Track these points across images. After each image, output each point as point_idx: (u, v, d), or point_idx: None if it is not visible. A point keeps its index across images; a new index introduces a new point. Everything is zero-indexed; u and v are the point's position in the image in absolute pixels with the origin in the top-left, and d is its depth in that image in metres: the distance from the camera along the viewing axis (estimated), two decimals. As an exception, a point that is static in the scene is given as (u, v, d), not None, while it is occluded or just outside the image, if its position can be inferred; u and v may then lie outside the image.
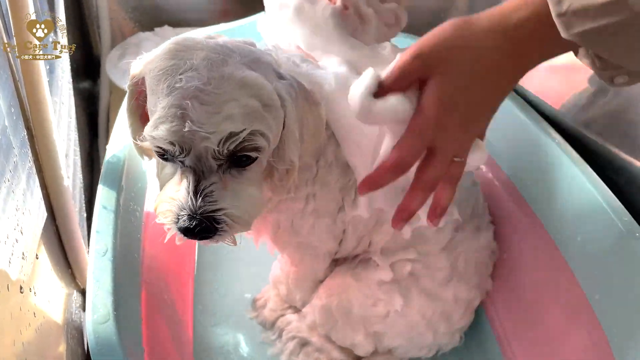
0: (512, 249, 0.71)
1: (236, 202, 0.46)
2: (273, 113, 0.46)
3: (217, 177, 0.45)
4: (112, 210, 0.52)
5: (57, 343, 0.63)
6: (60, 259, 0.67)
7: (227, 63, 0.44)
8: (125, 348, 0.43)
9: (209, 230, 0.45)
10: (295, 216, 0.62)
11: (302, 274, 0.72)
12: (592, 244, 0.59)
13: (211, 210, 0.44)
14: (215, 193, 0.45)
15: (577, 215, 0.62)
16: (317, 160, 0.58)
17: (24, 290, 0.51)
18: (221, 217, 0.45)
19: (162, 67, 0.44)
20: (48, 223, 0.63)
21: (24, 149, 0.56)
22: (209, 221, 0.44)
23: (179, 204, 0.44)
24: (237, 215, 0.46)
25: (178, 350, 0.62)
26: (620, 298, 0.54)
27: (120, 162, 0.57)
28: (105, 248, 0.49)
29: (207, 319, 0.75)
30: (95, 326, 0.43)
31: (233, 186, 0.46)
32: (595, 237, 0.59)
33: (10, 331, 0.47)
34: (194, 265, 0.80)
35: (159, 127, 0.43)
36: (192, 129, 0.42)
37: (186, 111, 0.42)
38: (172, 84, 0.43)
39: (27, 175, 0.57)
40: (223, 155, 0.44)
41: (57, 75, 0.79)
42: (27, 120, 0.59)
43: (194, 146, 0.43)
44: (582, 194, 0.61)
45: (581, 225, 0.61)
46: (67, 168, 0.74)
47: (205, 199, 0.44)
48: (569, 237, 0.62)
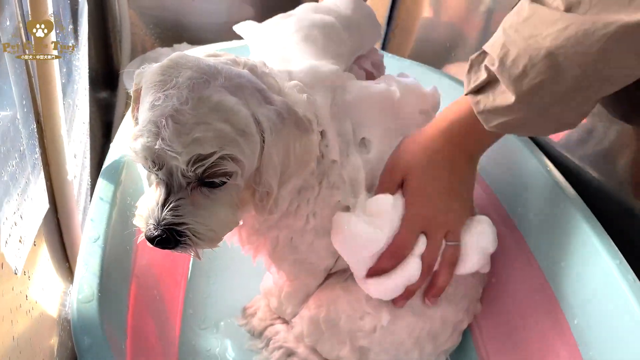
0: (500, 274, 0.72)
1: (201, 220, 0.47)
2: (248, 138, 0.47)
3: (186, 193, 0.47)
4: (108, 202, 0.55)
5: (50, 336, 0.64)
6: (59, 252, 0.69)
7: (209, 85, 0.46)
8: (106, 330, 0.45)
9: (168, 242, 0.47)
10: (295, 233, 0.64)
11: (296, 288, 0.73)
12: (574, 269, 0.59)
13: (174, 223, 0.46)
14: (182, 208, 0.47)
15: (562, 241, 0.62)
16: (320, 181, 0.60)
17: (19, 272, 0.53)
18: (184, 231, 0.47)
19: (152, 81, 0.47)
20: (49, 215, 0.65)
21: (31, 140, 0.60)
22: (170, 233, 0.46)
23: (147, 212, 0.47)
24: (200, 232, 0.48)
25: (163, 347, 0.63)
26: (598, 323, 0.54)
27: (122, 159, 0.60)
28: (98, 235, 0.51)
29: (196, 323, 0.76)
30: (78, 304, 0.45)
31: (202, 203, 0.48)
32: (577, 263, 0.59)
33: (5, 318, 0.49)
34: (187, 268, 0.82)
35: (137, 140, 0.46)
36: (162, 147, 0.44)
37: (159, 129, 0.44)
38: (154, 100, 0.45)
39: (33, 166, 0.60)
40: (191, 176, 0.46)
41: (73, 78, 0.83)
42: (38, 114, 0.62)
43: (166, 163, 0.46)
44: (569, 221, 0.62)
45: (566, 252, 0.61)
46: (74, 167, 0.77)
47: (171, 212, 0.46)
48: (553, 262, 0.63)
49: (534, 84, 0.50)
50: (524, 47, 0.50)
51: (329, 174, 0.59)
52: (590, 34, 0.46)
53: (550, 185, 0.65)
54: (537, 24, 0.49)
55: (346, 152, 0.60)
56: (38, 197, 0.61)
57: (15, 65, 0.53)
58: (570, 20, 0.47)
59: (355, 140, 0.61)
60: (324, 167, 0.59)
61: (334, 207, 0.63)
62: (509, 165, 0.74)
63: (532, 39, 0.49)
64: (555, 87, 0.49)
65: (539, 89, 0.50)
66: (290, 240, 0.64)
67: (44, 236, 0.63)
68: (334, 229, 0.61)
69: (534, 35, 0.49)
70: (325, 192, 0.60)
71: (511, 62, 0.51)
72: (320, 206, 0.62)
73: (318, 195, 0.60)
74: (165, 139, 0.44)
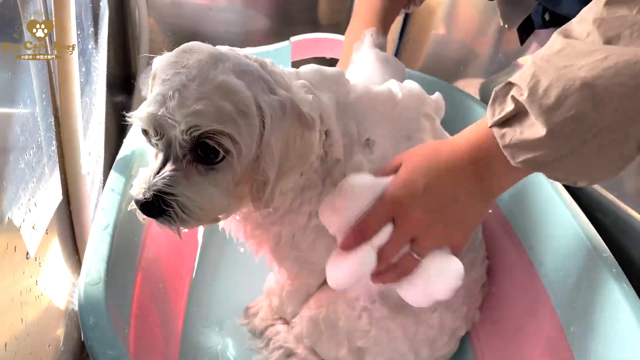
0: (500, 283, 0.73)
1: (190, 194, 0.48)
2: (247, 120, 0.49)
3: (181, 166, 0.49)
4: (119, 194, 0.57)
5: (57, 326, 0.66)
6: (69, 243, 0.71)
7: (217, 67, 0.49)
8: (111, 314, 0.46)
9: (153, 207, 0.48)
10: (298, 231, 0.65)
11: (297, 287, 0.75)
12: (572, 279, 0.60)
13: (163, 191, 0.48)
14: (174, 179, 0.48)
15: (562, 251, 0.63)
16: (324, 180, 0.62)
17: (30, 257, 0.55)
18: (171, 201, 0.48)
19: (166, 63, 0.50)
20: (62, 207, 0.68)
21: (49, 133, 0.62)
22: (157, 200, 0.48)
23: (142, 179, 0.49)
24: (187, 207, 0.49)
25: (165, 339, 0.65)
26: (593, 331, 0.55)
27: (135, 153, 0.63)
28: (107, 224, 0.53)
29: (199, 320, 0.77)
30: (86, 287, 0.47)
31: (196, 179, 0.49)
32: (575, 273, 0.60)
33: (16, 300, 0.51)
34: (193, 265, 0.84)
35: (143, 108, 0.49)
36: (163, 114, 0.47)
37: (165, 100, 0.47)
38: (165, 76, 0.48)
39: (49, 158, 0.62)
40: (187, 144, 0.48)
41: (92, 78, 0.86)
42: (56, 110, 0.65)
43: (166, 132, 0.48)
44: (568, 232, 0.63)
45: (565, 262, 0.62)
46: (89, 164, 0.80)
47: (163, 181, 0.48)
48: (552, 271, 0.64)
49: (568, 117, 0.45)
50: (557, 77, 0.45)
51: (333, 172, 0.61)
52: (632, 64, 0.42)
53: (551, 199, 0.66)
54: (572, 55, 0.45)
55: (350, 152, 0.61)
56: (52, 188, 0.64)
57: (37, 63, 0.56)
58: (610, 51, 0.43)
59: (360, 141, 0.62)
60: (327, 165, 0.60)
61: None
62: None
63: (565, 69, 0.45)
64: (591, 121, 0.45)
65: (573, 121, 0.45)
66: (292, 237, 0.65)
67: (56, 226, 0.66)
68: (323, 203, 0.60)
69: (568, 65, 0.45)
70: (328, 190, 0.61)
71: (543, 92, 0.46)
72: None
73: (321, 193, 0.61)
74: (168, 109, 0.47)
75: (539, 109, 0.46)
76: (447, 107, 0.72)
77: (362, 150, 0.62)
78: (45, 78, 0.61)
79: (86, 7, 0.83)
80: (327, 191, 0.61)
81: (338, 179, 0.61)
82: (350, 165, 0.61)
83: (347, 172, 0.60)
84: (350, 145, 0.61)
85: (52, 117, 0.63)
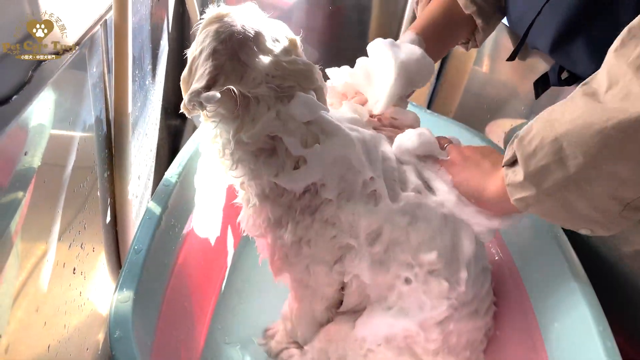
0: (504, 327, 0.76)
1: None
2: None
3: None
4: (154, 222, 0.65)
5: (98, 331, 0.75)
6: (114, 260, 0.81)
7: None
8: (136, 327, 0.54)
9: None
10: (290, 251, 0.70)
11: (303, 311, 0.80)
12: (566, 333, 0.63)
13: None
14: None
15: (559, 305, 0.66)
16: (313, 213, 0.67)
17: (77, 272, 0.64)
18: None
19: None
20: (109, 227, 0.77)
21: (103, 165, 0.72)
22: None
23: None
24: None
25: (186, 352, 0.72)
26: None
27: (172, 185, 0.71)
28: (141, 248, 0.61)
29: (221, 336, 0.85)
30: (117, 303, 0.55)
31: None
32: (569, 327, 0.63)
33: (60, 309, 0.60)
34: (220, 285, 0.92)
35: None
36: None
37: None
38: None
39: (102, 182, 0.72)
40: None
41: (147, 111, 0.97)
42: (110, 139, 0.74)
43: None
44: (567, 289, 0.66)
45: (559, 314, 0.65)
46: (137, 187, 0.89)
47: None
48: (549, 321, 0.66)
49: (539, 166, 0.50)
50: (542, 128, 0.50)
51: (323, 210, 0.66)
52: (590, 125, 0.45)
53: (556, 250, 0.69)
54: (568, 109, 0.49)
55: (346, 198, 0.67)
56: (102, 211, 0.73)
57: (96, 95, 0.66)
58: (588, 109, 0.46)
59: (364, 192, 0.67)
60: (315, 202, 0.66)
61: (331, 242, 0.69)
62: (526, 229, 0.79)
63: (554, 122, 0.49)
64: (558, 174, 0.49)
65: (544, 171, 0.50)
66: (285, 256, 0.71)
67: (103, 244, 0.75)
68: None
69: (557, 119, 0.49)
70: (318, 225, 0.67)
71: (528, 140, 0.52)
72: (314, 236, 0.68)
73: (311, 227, 0.67)
74: None
75: (521, 156, 0.52)
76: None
77: (364, 200, 0.67)
78: (103, 110, 0.70)
79: (146, 47, 0.94)
80: (317, 225, 0.68)
81: (329, 217, 0.67)
82: (345, 208, 0.68)
83: (340, 214, 0.67)
84: (349, 191, 0.67)
85: (106, 150, 0.73)
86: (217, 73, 0.61)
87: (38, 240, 0.53)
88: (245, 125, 0.63)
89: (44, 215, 0.54)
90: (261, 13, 0.68)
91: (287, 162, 0.64)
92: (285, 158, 0.64)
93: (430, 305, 0.69)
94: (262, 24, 0.66)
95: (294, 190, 0.66)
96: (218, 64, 0.61)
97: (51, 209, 0.55)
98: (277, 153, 0.65)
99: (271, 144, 0.65)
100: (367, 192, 0.67)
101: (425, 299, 0.69)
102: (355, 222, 0.66)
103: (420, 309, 0.69)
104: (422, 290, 0.69)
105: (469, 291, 0.71)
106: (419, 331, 0.70)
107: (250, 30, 0.63)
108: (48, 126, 0.52)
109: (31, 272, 0.51)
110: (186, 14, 1.29)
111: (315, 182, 0.65)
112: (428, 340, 0.72)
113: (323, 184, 0.65)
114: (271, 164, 0.65)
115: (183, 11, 1.30)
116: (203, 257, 0.84)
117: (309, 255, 0.69)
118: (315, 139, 0.65)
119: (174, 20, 1.19)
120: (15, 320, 0.47)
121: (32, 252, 0.51)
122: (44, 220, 0.54)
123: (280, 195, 0.67)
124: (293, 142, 0.63)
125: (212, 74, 0.60)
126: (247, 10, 0.67)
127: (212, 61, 0.61)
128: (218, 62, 0.61)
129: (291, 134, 0.63)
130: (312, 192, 0.66)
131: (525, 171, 0.52)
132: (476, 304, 0.73)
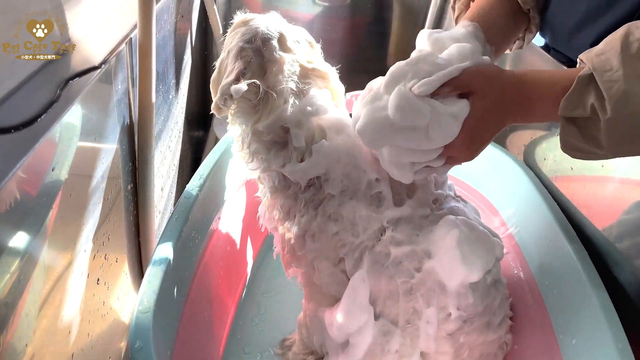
0: (522, 342, 0.75)
1: None
2: None
3: None
4: (174, 236, 0.67)
5: (120, 339, 0.77)
6: (136, 270, 0.82)
7: None
8: (155, 338, 0.56)
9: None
10: (296, 244, 0.72)
11: (314, 314, 0.79)
12: (585, 349, 0.63)
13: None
14: None
15: (578, 321, 0.66)
16: (316, 207, 0.70)
17: (100, 282, 0.66)
18: None
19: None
20: (132, 238, 0.79)
21: (127, 178, 0.74)
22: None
23: None
24: None
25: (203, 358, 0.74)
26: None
27: (192, 198, 0.73)
28: (161, 261, 0.63)
29: (240, 346, 0.86)
30: (138, 314, 0.57)
31: None
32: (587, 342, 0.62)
33: (84, 318, 0.62)
34: (239, 296, 0.93)
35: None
36: None
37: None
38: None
39: (125, 195, 0.74)
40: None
41: (169, 124, 0.99)
42: (134, 153, 0.76)
43: None
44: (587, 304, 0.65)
45: (578, 330, 0.65)
46: (159, 198, 0.91)
47: None
48: (568, 337, 0.66)
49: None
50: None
51: (326, 205, 0.69)
52: None
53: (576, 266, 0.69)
54: None
55: (349, 195, 0.68)
56: (126, 222, 0.75)
57: (121, 111, 0.68)
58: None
59: (367, 192, 0.69)
60: (319, 196, 0.69)
61: (333, 238, 0.70)
62: (546, 242, 0.78)
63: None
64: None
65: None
66: (293, 250, 0.72)
67: (126, 255, 0.77)
68: None
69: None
70: (321, 219, 0.69)
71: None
72: (317, 231, 0.70)
73: (314, 220, 0.69)
74: None
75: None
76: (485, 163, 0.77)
77: (367, 200, 0.69)
78: (127, 121, 0.72)
79: (170, 62, 0.96)
80: (319, 220, 0.69)
81: (332, 213, 0.69)
82: (347, 205, 0.70)
83: (342, 211, 0.69)
84: (353, 190, 0.69)
85: (130, 163, 0.75)
86: (244, 68, 0.67)
87: (64, 251, 0.55)
88: (262, 117, 0.68)
89: (69, 227, 0.56)
90: (283, 19, 0.75)
91: (295, 154, 0.69)
92: (293, 150, 0.69)
93: (436, 316, 0.69)
94: (284, 27, 0.73)
95: (298, 182, 0.70)
96: (245, 61, 0.68)
97: (76, 220, 0.57)
98: (288, 146, 0.69)
99: (284, 138, 0.70)
100: (372, 193, 0.68)
101: (430, 310, 0.69)
102: (357, 221, 0.68)
103: (427, 322, 0.70)
104: (426, 301, 0.69)
105: (479, 303, 0.70)
106: (430, 344, 0.70)
107: (273, 31, 0.70)
108: (75, 141, 0.54)
109: (56, 282, 0.53)
110: (209, 28, 1.32)
111: (320, 177, 0.69)
112: (439, 353, 0.72)
113: (327, 178, 0.68)
114: (280, 156, 0.70)
115: (206, 25, 1.33)
116: (223, 269, 0.85)
117: (313, 249, 0.71)
118: (322, 134, 0.70)
119: (197, 34, 1.22)
120: (40, 329, 0.49)
121: (58, 262, 0.53)
122: (69, 232, 0.56)
123: (287, 188, 0.71)
124: (298, 134, 0.68)
125: (240, 70, 0.67)
126: (270, 16, 0.74)
127: (240, 58, 0.68)
128: (245, 59, 0.68)
129: (299, 127, 0.68)
130: (317, 186, 0.70)
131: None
132: (488, 316, 0.73)
